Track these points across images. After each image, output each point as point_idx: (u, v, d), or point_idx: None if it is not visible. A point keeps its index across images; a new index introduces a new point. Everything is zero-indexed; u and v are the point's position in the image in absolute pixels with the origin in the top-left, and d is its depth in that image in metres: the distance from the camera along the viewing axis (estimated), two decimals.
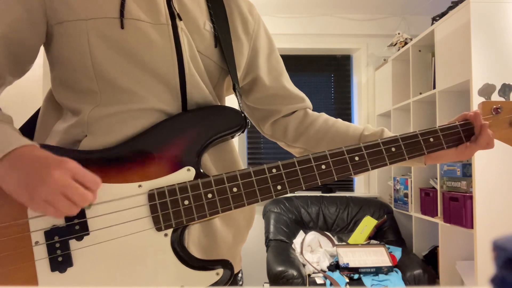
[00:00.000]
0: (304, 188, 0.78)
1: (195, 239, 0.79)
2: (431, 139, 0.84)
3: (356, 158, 0.80)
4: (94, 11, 0.75)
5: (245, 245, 0.90)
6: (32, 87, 2.20)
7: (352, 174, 0.80)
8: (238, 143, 3.73)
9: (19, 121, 0.87)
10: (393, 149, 0.82)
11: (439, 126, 0.86)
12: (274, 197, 0.77)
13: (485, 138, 0.85)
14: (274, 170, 0.77)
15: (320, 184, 0.78)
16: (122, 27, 0.76)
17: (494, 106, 0.89)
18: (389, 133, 0.92)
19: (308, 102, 1.00)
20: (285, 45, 3.71)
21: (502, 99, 0.90)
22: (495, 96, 0.88)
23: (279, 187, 0.77)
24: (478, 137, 0.85)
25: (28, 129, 0.85)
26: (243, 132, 0.82)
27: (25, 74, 0.83)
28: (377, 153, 0.82)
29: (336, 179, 0.79)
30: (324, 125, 0.96)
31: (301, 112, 0.99)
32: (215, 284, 0.73)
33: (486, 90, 0.89)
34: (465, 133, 0.87)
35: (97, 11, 0.75)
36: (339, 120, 0.98)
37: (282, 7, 3.57)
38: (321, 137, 0.95)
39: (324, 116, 0.98)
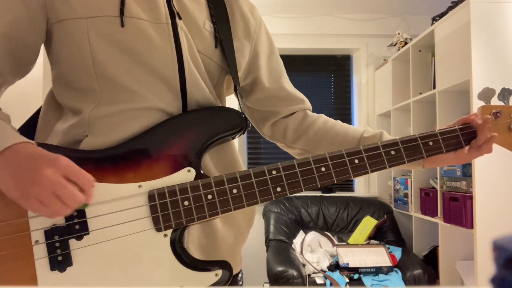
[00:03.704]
0: (303, 190, 0.78)
1: (194, 240, 0.79)
2: (431, 143, 0.84)
3: (356, 161, 0.80)
4: (94, 9, 0.75)
5: (245, 245, 0.90)
6: (32, 87, 2.20)
7: (352, 176, 0.80)
8: (238, 143, 3.73)
9: (19, 121, 0.87)
10: (392, 152, 0.82)
11: (438, 130, 0.86)
12: (273, 198, 0.77)
13: (489, 146, 0.84)
14: (274, 172, 0.77)
15: (319, 186, 0.78)
16: (122, 25, 0.76)
17: (494, 111, 0.87)
18: (388, 136, 0.92)
19: (307, 103, 1.00)
20: (285, 45, 3.71)
21: (502, 103, 0.89)
22: (494, 100, 0.88)
23: (278, 189, 0.77)
24: (483, 145, 0.84)
25: (28, 129, 0.85)
26: (243, 133, 0.82)
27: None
28: (377, 156, 0.81)
29: (335, 182, 0.79)
30: (323, 126, 0.96)
31: (301, 114, 0.99)
32: (214, 284, 0.74)
33: (486, 94, 0.88)
34: (464, 137, 0.86)
35: (97, 9, 0.75)
36: (339, 121, 0.98)
37: (282, 7, 3.57)
38: (320, 138, 0.95)
39: (323, 117, 0.99)
